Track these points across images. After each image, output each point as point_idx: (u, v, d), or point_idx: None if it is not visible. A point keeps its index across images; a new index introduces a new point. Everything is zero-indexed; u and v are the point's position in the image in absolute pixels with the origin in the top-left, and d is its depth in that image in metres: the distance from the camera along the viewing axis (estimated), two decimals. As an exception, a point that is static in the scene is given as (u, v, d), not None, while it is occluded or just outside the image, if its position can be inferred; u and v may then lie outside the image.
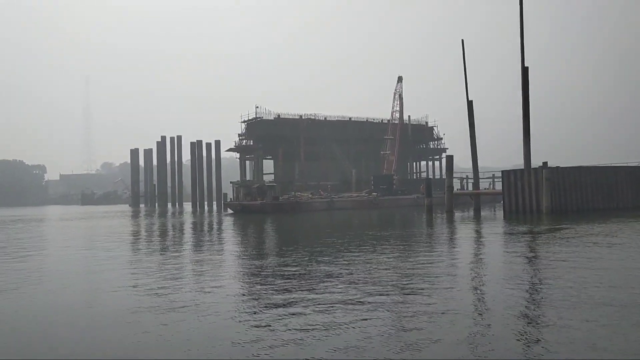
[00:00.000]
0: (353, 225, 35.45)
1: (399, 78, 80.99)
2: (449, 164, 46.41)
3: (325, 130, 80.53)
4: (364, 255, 16.31)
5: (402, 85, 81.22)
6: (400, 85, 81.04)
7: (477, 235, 24.44)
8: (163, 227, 37.80)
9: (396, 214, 50.62)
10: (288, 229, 34.27)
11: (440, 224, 33.35)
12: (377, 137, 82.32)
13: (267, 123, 76.80)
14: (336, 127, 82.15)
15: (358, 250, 17.45)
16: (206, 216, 55.75)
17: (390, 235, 23.86)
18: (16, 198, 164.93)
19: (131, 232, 31.57)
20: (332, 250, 17.64)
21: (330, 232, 27.00)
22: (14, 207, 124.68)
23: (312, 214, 52.49)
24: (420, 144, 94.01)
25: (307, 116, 79.90)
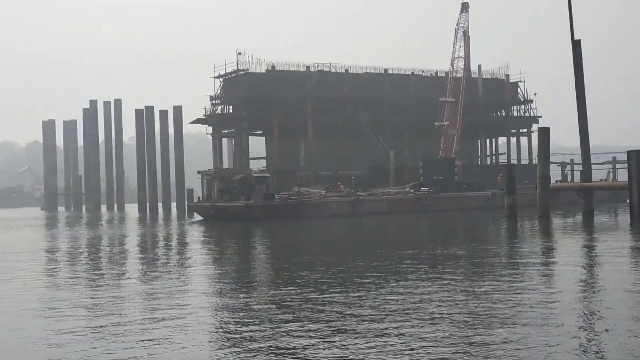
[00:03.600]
0: (388, 243, 35.43)
1: (464, 6, 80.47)
2: (543, 141, 46.09)
3: (346, 90, 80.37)
4: (402, 302, 16.24)
5: (468, 17, 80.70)
6: (465, 17, 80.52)
7: (591, 258, 24.17)
8: (89, 249, 38.08)
9: (458, 222, 50.45)
10: (289, 249, 34.32)
11: (528, 237, 33.14)
12: (429, 100, 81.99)
13: (255, 78, 76.71)
14: (364, 84, 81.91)
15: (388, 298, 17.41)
16: (159, 227, 56.03)
17: (444, 258, 23.74)
18: None
19: (35, 263, 31.90)
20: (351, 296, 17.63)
21: (354, 260, 27.02)
22: None
23: (325, 222, 52.51)
24: (497, 110, 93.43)
25: (318, 67, 79.67)
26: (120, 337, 11.84)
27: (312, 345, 10.86)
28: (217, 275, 21.76)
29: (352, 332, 11.72)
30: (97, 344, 11.40)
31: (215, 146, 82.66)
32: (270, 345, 10.92)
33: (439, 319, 12.64)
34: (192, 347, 11.02)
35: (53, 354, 10.93)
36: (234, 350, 10.71)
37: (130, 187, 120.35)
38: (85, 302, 16.09)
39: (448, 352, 10.12)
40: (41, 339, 12.06)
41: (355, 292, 16.27)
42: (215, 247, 33.54)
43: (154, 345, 11.17)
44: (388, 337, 11.29)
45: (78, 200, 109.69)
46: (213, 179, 64.91)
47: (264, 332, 11.96)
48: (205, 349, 10.76)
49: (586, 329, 11.78)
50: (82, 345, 11.25)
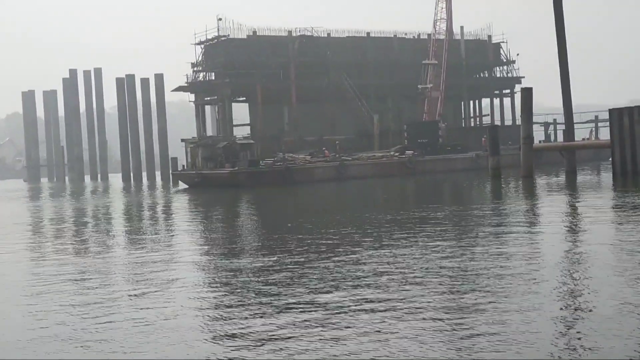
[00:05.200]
0: (374, 206, 35.69)
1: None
2: (526, 102, 46.36)
3: (329, 54, 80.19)
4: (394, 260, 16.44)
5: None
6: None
7: (574, 216, 24.51)
8: (74, 219, 38.11)
9: (443, 184, 50.83)
10: (276, 215, 34.53)
11: (513, 198, 33.49)
12: (412, 63, 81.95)
13: (237, 44, 76.24)
14: (346, 48, 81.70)
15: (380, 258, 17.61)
16: (144, 195, 56.05)
17: (427, 220, 24.00)
18: None
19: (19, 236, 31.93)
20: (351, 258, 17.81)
21: (346, 221, 27.22)
22: None
23: (311, 186, 52.76)
24: (480, 72, 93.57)
25: (300, 32, 79.27)
26: (107, 310, 11.96)
27: (302, 312, 11.04)
28: (204, 242, 21.90)
29: (338, 300, 11.90)
30: (84, 320, 11.52)
31: (198, 114, 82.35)
32: (257, 314, 11.08)
33: (425, 282, 12.86)
34: (180, 317, 11.16)
35: (39, 330, 11.06)
36: (221, 320, 10.86)
37: (114, 156, 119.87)
38: (70, 275, 16.18)
39: (433, 316, 10.34)
40: (28, 316, 12.17)
41: (342, 256, 16.46)
42: (201, 215, 33.67)
43: (142, 317, 11.29)
44: (375, 302, 11.50)
45: (61, 171, 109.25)
46: (197, 147, 64.82)
47: (251, 301, 12.13)
48: (193, 320, 10.90)
49: (568, 284, 12.04)
50: (68, 319, 11.36)
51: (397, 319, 9.86)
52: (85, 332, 10.15)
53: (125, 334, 9.90)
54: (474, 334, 8.89)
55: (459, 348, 8.34)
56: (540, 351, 8.11)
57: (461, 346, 8.41)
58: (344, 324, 9.77)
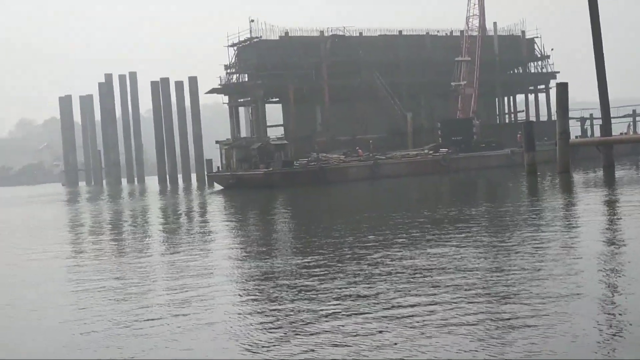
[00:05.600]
0: (409, 205, 35.58)
1: (477, -38, 79.48)
2: (561, 97, 45.84)
3: (361, 54, 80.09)
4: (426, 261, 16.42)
5: (481, -27, 79.81)
6: (478, -27, 79.67)
7: (613, 212, 24.21)
8: (112, 222, 38.54)
9: (478, 182, 50.52)
10: (311, 216, 34.57)
11: (549, 194, 33.17)
12: (445, 60, 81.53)
13: (269, 46, 76.56)
14: (378, 47, 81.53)
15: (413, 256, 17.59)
16: (180, 198, 56.54)
17: (463, 218, 23.88)
18: None
19: (56, 242, 32.36)
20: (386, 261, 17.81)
21: (382, 222, 27.18)
22: None
23: (345, 186, 52.80)
24: (515, 68, 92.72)
25: (332, 32, 79.37)
26: (145, 310, 12.13)
27: (338, 312, 11.09)
28: (240, 244, 22.06)
29: (376, 295, 11.94)
30: (121, 319, 11.68)
31: (232, 115, 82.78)
32: (293, 311, 11.15)
33: (464, 280, 12.84)
34: (217, 317, 11.27)
35: (79, 333, 11.23)
36: (257, 319, 10.95)
37: (150, 159, 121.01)
38: (109, 277, 16.41)
39: (471, 312, 10.33)
40: (67, 319, 12.35)
41: (379, 253, 16.49)
42: (236, 216, 33.89)
43: (181, 318, 11.43)
44: (409, 297, 11.51)
45: (98, 175, 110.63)
46: (231, 148, 65.26)
47: (288, 300, 12.21)
48: (229, 320, 11.01)
49: (606, 282, 11.93)
50: (107, 322, 11.54)
51: (435, 324, 9.87)
52: (123, 335, 10.31)
53: (164, 336, 10.03)
54: (516, 339, 8.88)
55: (500, 349, 8.34)
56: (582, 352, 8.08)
57: (502, 349, 8.41)
58: (381, 324, 9.81)
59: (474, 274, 12.95)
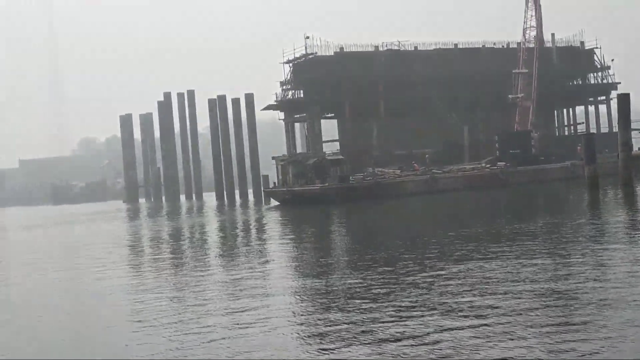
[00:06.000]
0: (466, 219, 35.24)
1: (533, -27, 78.68)
2: (623, 108, 44.88)
3: (416, 67, 79.86)
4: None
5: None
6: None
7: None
8: (172, 238, 39.06)
9: (538, 195, 49.71)
10: (367, 231, 34.51)
11: (612, 208, 32.44)
12: (502, 73, 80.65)
13: (324, 62, 77.00)
14: (434, 60, 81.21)
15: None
16: (237, 214, 57.04)
17: (522, 233, 23.52)
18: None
19: (117, 258, 32.90)
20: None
21: (440, 237, 27.00)
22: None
23: (402, 201, 52.52)
24: (574, 79, 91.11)
25: (387, 46, 79.43)
26: (206, 324, 12.27)
27: (397, 328, 11.06)
28: (297, 260, 22.15)
29: (434, 311, 11.86)
30: (182, 332, 11.84)
31: (288, 131, 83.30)
32: (351, 328, 11.16)
33: (525, 296, 12.67)
34: (276, 332, 11.34)
35: (137, 346, 11.42)
36: (317, 335, 10.98)
37: (207, 175, 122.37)
38: (170, 292, 16.65)
39: (534, 333, 10.20)
40: (129, 334, 12.58)
41: (437, 270, 16.37)
42: (293, 232, 34.05)
43: (240, 331, 11.53)
44: (469, 316, 11.40)
45: (158, 191, 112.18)
46: (287, 164, 65.59)
47: (345, 316, 12.21)
48: (288, 336, 11.06)
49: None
50: (169, 334, 11.70)
51: (497, 338, 9.76)
52: (186, 347, 10.45)
53: (224, 346, 10.13)
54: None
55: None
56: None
57: None
58: (441, 341, 9.74)
59: (532, 292, 12.76)
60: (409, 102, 78.37)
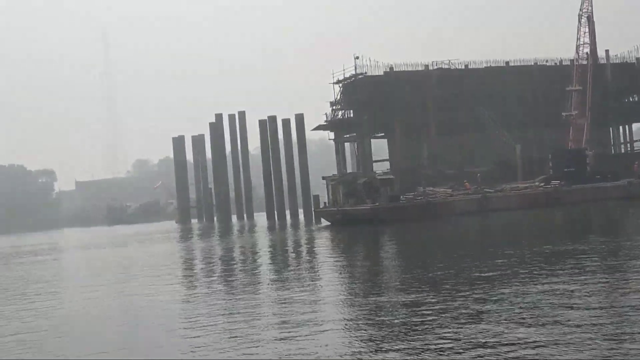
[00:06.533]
0: (520, 240, 34.76)
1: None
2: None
3: (467, 86, 79.41)
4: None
5: (591, 1, 77.91)
6: (589, 1, 77.83)
7: None
8: (224, 258, 39.35)
9: (594, 215, 48.69)
10: (419, 251, 34.28)
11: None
12: (555, 90, 79.69)
13: (374, 81, 77.12)
14: (485, 78, 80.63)
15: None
16: (288, 234, 57.22)
17: (582, 253, 23.05)
18: (16, 218, 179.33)
19: (171, 278, 33.22)
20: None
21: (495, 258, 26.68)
22: (14, 233, 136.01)
23: (453, 220, 52.01)
24: (629, 96, 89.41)
25: (437, 65, 79.14)
26: (256, 344, 12.30)
27: (448, 348, 10.95)
28: (348, 280, 22.10)
29: (486, 335, 11.71)
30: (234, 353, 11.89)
31: (338, 151, 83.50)
32: (402, 348, 11.07)
33: (582, 322, 12.43)
34: (327, 351, 11.31)
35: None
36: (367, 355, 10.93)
37: (258, 196, 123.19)
38: (222, 312, 16.75)
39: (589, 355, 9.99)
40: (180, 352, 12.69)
41: (489, 292, 16.15)
42: (344, 252, 34.00)
43: (289, 350, 11.54)
44: (523, 339, 11.23)
45: (209, 211, 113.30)
46: (338, 184, 65.62)
47: (396, 336, 12.13)
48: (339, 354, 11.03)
49: None
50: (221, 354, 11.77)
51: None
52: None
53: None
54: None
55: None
56: None
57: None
58: None
59: (586, 312, 12.49)
60: (459, 121, 77.94)
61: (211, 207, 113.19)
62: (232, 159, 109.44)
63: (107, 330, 15.84)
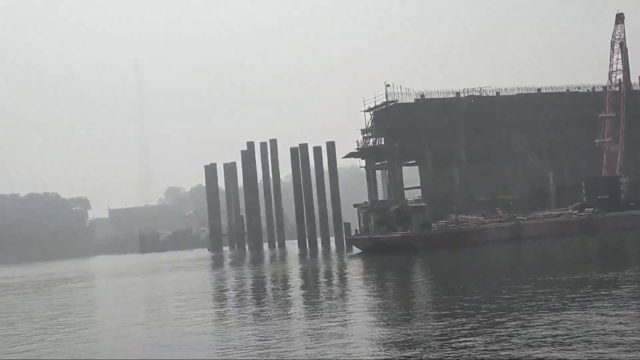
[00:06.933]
0: (554, 268, 34.41)
1: (619, 17, 77.38)
2: None
3: (499, 113, 79.13)
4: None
5: (624, 28, 77.58)
6: (621, 28, 77.48)
7: None
8: (255, 286, 39.44)
9: (630, 243, 47.97)
10: (451, 279, 34.08)
11: None
12: (588, 117, 79.10)
13: (405, 109, 77.17)
14: (516, 105, 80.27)
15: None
16: (319, 261, 57.19)
17: (618, 282, 22.78)
18: (50, 246, 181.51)
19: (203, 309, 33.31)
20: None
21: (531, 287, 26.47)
22: (48, 260, 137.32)
23: (487, 248, 51.66)
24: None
25: (468, 92, 79.07)
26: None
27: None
28: (380, 307, 22.05)
29: None
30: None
31: (369, 178, 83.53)
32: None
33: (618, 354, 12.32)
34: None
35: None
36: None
37: (289, 223, 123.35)
38: (255, 339, 16.82)
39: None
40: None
41: (523, 320, 16.05)
42: (375, 280, 33.92)
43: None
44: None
45: (241, 239, 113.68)
46: (369, 211, 65.58)
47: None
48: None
49: None
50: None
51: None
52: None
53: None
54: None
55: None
56: None
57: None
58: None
59: (622, 340, 12.37)
60: (491, 148, 77.71)
61: (243, 234, 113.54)
62: (263, 186, 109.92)
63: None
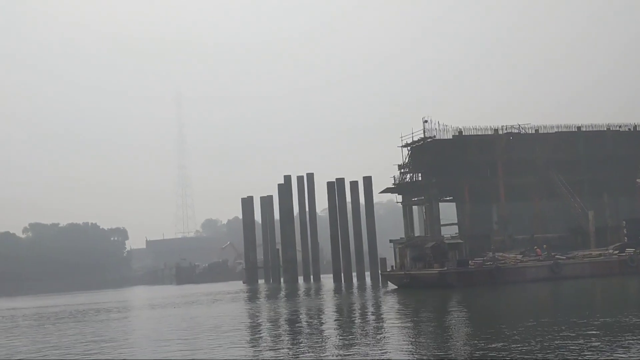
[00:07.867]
0: (594, 309, 33.87)
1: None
2: None
3: (537, 150, 78.66)
4: None
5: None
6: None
7: None
8: (290, 321, 39.39)
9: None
10: (487, 318, 33.71)
11: None
12: (629, 155, 78.19)
13: (443, 145, 77.12)
14: (556, 143, 79.71)
15: None
16: (355, 297, 56.97)
17: None
18: (89, 276, 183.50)
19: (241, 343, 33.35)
20: None
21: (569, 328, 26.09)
22: (85, 290, 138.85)
23: (524, 287, 51.03)
24: None
25: (507, 129, 78.77)
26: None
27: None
28: (415, 346, 21.90)
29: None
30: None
31: (405, 214, 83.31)
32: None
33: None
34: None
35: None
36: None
37: (325, 257, 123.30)
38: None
39: None
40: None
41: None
42: (410, 317, 33.68)
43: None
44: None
45: (276, 272, 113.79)
46: (405, 247, 65.30)
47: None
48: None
49: None
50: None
51: None
52: None
53: None
54: None
55: None
56: None
57: None
58: None
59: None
60: (530, 186, 77.11)
61: (278, 268, 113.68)
62: (300, 220, 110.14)
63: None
